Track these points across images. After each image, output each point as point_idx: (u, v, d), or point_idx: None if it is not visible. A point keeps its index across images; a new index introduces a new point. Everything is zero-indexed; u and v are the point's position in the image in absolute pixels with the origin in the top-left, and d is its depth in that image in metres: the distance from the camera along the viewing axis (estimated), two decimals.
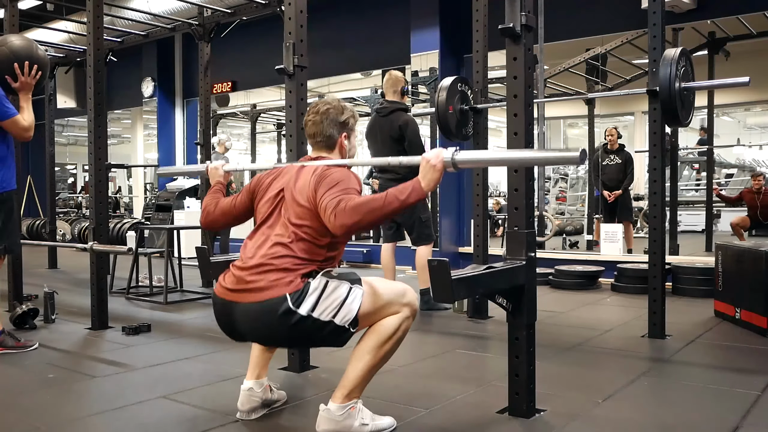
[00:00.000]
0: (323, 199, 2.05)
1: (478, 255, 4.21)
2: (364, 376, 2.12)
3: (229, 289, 2.12)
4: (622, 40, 7.81)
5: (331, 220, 1.99)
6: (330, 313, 2.05)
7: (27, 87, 3.24)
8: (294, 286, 2.03)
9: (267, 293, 2.03)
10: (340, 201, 1.99)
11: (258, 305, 2.04)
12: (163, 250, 5.47)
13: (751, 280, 3.82)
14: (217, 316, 2.19)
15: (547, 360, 3.06)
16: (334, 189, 2.05)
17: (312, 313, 2.03)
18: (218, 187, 2.58)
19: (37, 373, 3.07)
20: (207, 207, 2.49)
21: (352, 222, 1.96)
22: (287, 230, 2.12)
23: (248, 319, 2.07)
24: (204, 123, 6.22)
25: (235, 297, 2.09)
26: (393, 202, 1.94)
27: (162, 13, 7.14)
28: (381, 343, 2.11)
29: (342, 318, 2.06)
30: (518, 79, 2.36)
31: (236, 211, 2.41)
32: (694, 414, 2.46)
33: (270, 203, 2.23)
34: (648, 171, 3.76)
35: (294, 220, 2.12)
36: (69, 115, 12.57)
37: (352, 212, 1.95)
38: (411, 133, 4.51)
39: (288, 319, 2.01)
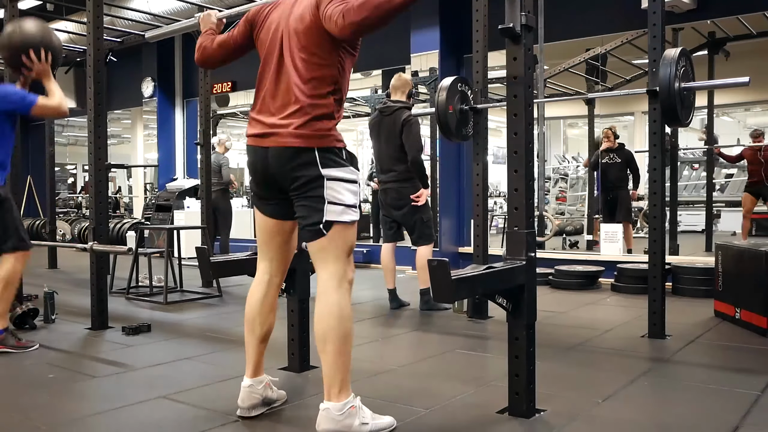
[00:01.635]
0: (327, 9, 2.05)
1: (478, 255, 4.21)
2: (338, 362, 2.10)
3: (261, 134, 2.19)
4: (622, 40, 7.81)
5: (338, 23, 2.00)
6: (332, 195, 2.12)
7: (44, 72, 3.31)
8: (325, 142, 2.13)
9: (298, 140, 2.11)
10: (345, 4, 2.00)
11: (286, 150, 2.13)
12: (163, 250, 5.47)
13: (751, 280, 3.82)
14: (251, 169, 2.27)
15: (547, 360, 3.06)
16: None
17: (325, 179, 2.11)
18: (211, 31, 2.55)
19: (37, 373, 3.07)
20: (203, 43, 2.45)
21: (359, 18, 1.96)
22: (299, 59, 2.14)
23: (278, 163, 2.15)
24: (204, 123, 6.21)
25: (267, 141, 2.17)
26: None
27: (162, 13, 7.15)
28: (333, 326, 2.10)
29: (330, 210, 2.12)
30: (518, 79, 2.36)
31: (235, 43, 2.40)
32: (694, 414, 2.46)
33: (270, 33, 2.24)
34: (648, 171, 3.76)
35: (301, 46, 2.14)
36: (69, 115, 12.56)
37: (359, 9, 1.96)
38: (411, 128, 4.49)
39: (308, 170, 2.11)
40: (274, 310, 2.39)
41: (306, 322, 2.94)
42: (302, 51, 2.15)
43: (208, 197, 6.16)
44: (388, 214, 4.75)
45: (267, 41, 2.26)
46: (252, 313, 2.36)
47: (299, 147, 2.12)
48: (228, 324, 4.25)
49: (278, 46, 2.22)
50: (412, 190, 4.56)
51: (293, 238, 2.41)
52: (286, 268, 2.44)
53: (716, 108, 9.36)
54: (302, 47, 2.15)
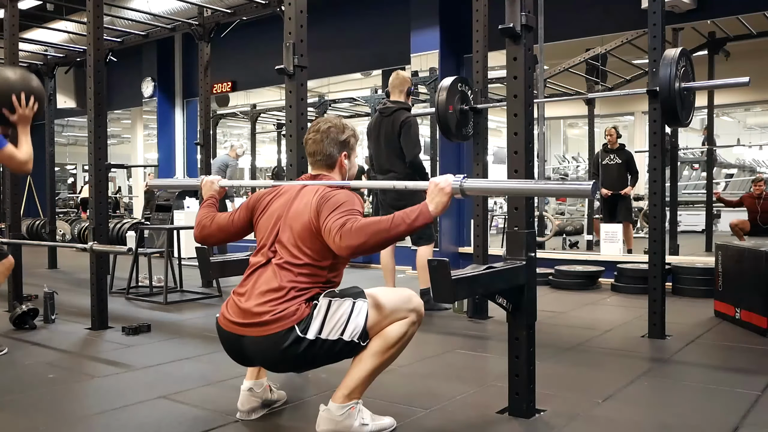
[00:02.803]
0: (327, 220, 2.04)
1: (478, 255, 4.21)
2: (366, 378, 2.12)
3: (234, 322, 2.10)
4: (622, 40, 7.82)
5: (336, 241, 1.99)
6: (338, 331, 2.05)
7: (25, 120, 3.07)
8: (299, 315, 2.03)
9: (274, 326, 2.03)
10: (345, 222, 1.99)
11: (266, 338, 2.04)
12: (163, 250, 5.47)
13: (751, 280, 3.82)
14: (225, 347, 2.18)
15: (547, 360, 3.06)
16: (338, 210, 2.05)
17: (320, 336, 2.03)
18: (211, 201, 2.54)
19: (37, 373, 3.07)
20: (202, 220, 2.43)
21: (357, 243, 1.95)
22: (289, 253, 2.12)
23: (258, 351, 2.08)
24: (204, 123, 6.22)
25: (242, 331, 2.08)
26: (400, 225, 1.95)
27: (162, 13, 7.14)
28: (386, 348, 2.10)
29: (350, 333, 2.06)
30: (518, 79, 2.36)
31: (234, 228, 2.38)
32: (694, 414, 2.46)
33: (270, 224, 2.22)
34: (648, 171, 3.76)
35: (295, 243, 2.12)
36: (69, 115, 12.56)
37: (357, 233, 1.95)
38: (410, 129, 4.49)
39: (298, 347, 2.02)
40: None
41: None
42: (295, 248, 2.12)
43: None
44: (387, 215, 4.74)
45: (266, 229, 2.23)
46: None
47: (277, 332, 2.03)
48: None
49: (274, 236, 2.18)
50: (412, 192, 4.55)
51: None
52: None
53: (716, 108, 9.37)
54: (295, 244, 2.12)
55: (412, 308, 2.16)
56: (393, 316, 2.13)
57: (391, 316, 2.12)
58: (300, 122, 3.07)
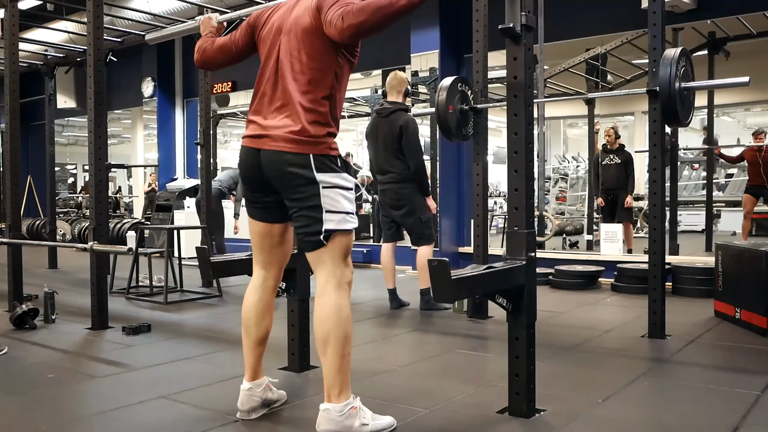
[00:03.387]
0: (328, 13, 2.05)
1: (478, 255, 4.21)
2: (338, 364, 2.10)
3: (256, 135, 2.19)
4: (622, 40, 7.81)
5: (337, 25, 2.00)
6: (330, 203, 2.12)
7: None
8: (319, 150, 2.11)
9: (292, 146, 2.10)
10: (345, 7, 2.00)
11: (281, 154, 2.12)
12: (163, 250, 5.47)
13: (751, 280, 3.82)
14: (242, 168, 2.26)
15: (547, 360, 3.06)
16: (338, 3, 2.05)
17: (320, 186, 2.10)
18: (210, 34, 2.52)
19: (37, 373, 3.07)
20: (202, 45, 2.43)
21: (359, 21, 1.96)
22: (297, 61, 2.14)
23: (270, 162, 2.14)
24: (204, 123, 6.21)
25: (260, 143, 2.16)
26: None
27: (162, 13, 7.14)
28: (333, 328, 2.10)
29: (329, 219, 2.12)
30: (518, 79, 2.36)
31: (236, 47, 2.38)
32: (694, 414, 2.46)
33: (271, 35, 2.24)
34: (648, 171, 3.76)
35: (300, 48, 2.14)
36: (69, 115, 12.56)
37: (359, 12, 1.96)
38: (410, 133, 4.51)
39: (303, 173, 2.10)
40: (269, 313, 2.38)
41: (306, 322, 2.93)
42: (300, 53, 2.14)
43: (209, 197, 6.16)
44: (387, 215, 4.75)
45: (267, 43, 2.26)
46: (247, 316, 2.36)
47: (293, 152, 2.11)
48: (228, 324, 4.25)
49: (277, 47, 2.21)
50: (410, 190, 4.56)
51: (287, 240, 2.39)
52: (280, 270, 2.43)
53: (716, 108, 9.36)
54: (300, 49, 2.14)
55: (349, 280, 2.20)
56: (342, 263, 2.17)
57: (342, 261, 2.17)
58: None
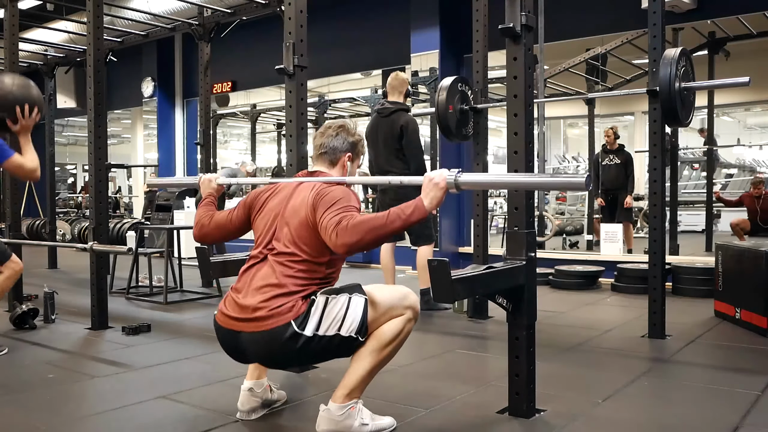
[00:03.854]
0: (323, 217, 2.04)
1: (478, 255, 4.21)
2: (365, 377, 2.12)
3: (231, 317, 2.11)
4: (622, 40, 7.81)
5: (332, 238, 1.99)
6: (335, 326, 2.05)
7: (26, 129, 3.14)
8: (296, 311, 2.04)
9: (271, 322, 2.03)
10: (341, 219, 1.98)
11: (263, 334, 2.04)
12: (163, 250, 5.47)
13: (751, 280, 3.82)
14: (221, 343, 2.19)
15: (547, 360, 3.05)
16: (334, 207, 2.05)
17: (317, 332, 2.04)
18: (210, 199, 2.55)
19: (37, 373, 3.07)
20: (201, 219, 2.44)
21: (353, 241, 1.95)
22: (286, 251, 2.12)
23: (255, 346, 2.08)
24: (204, 123, 6.22)
25: (239, 326, 2.08)
26: (395, 221, 1.94)
27: (162, 13, 7.14)
28: (383, 345, 2.11)
29: (348, 328, 2.06)
30: (518, 79, 2.36)
31: (232, 226, 2.38)
32: (694, 414, 2.46)
33: (267, 221, 2.22)
34: (648, 171, 3.76)
35: (292, 240, 2.12)
36: (69, 115, 12.56)
37: (353, 231, 1.95)
38: (411, 133, 4.51)
39: (295, 343, 2.02)
40: None
41: None
42: (292, 244, 2.12)
43: None
44: None
45: (262, 227, 2.23)
46: None
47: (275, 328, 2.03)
48: None
49: (272, 233, 2.19)
50: (410, 190, 4.55)
51: None
52: None
53: (716, 108, 9.35)
54: (292, 241, 2.12)
55: (408, 305, 2.17)
56: (390, 313, 2.13)
57: (387, 313, 2.13)
58: (300, 122, 3.07)
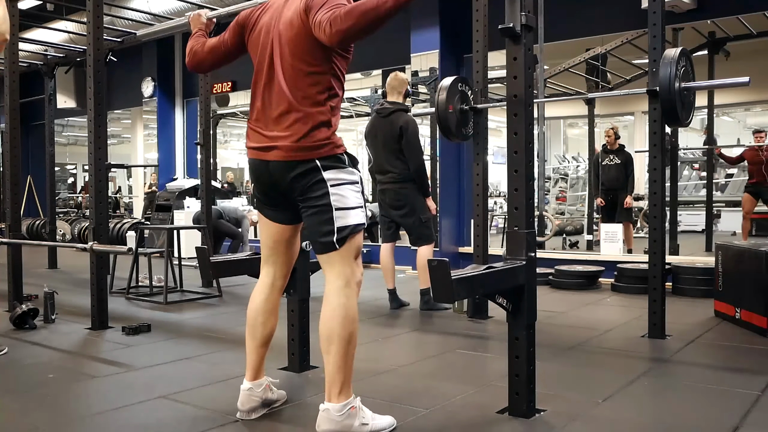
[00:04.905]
0: (316, 16, 2.03)
1: (478, 255, 4.21)
2: (340, 364, 2.10)
3: (260, 148, 2.20)
4: (622, 40, 7.82)
5: (326, 31, 1.98)
6: (339, 200, 2.12)
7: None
8: (325, 151, 2.12)
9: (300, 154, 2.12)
10: (333, 11, 1.98)
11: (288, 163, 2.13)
12: (163, 250, 5.47)
13: (751, 280, 3.82)
14: (253, 177, 2.29)
15: (547, 360, 3.05)
16: (326, 5, 2.04)
17: (329, 185, 2.12)
18: (200, 32, 2.52)
19: (37, 373, 3.07)
20: (193, 47, 2.43)
21: (347, 26, 1.94)
22: (289, 66, 2.13)
23: (280, 172, 2.16)
24: (204, 123, 6.21)
25: (267, 155, 2.17)
26: (387, 1, 1.91)
27: (162, 13, 7.15)
28: (338, 327, 2.10)
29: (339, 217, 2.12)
30: (518, 79, 2.36)
31: (226, 48, 2.38)
32: (694, 414, 2.46)
33: (262, 38, 2.23)
34: (648, 171, 3.76)
35: (293, 52, 2.13)
36: (69, 115, 12.57)
37: (346, 17, 1.94)
38: (410, 134, 4.51)
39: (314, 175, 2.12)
40: (275, 314, 2.39)
41: (306, 322, 2.93)
42: (293, 57, 2.13)
43: (209, 197, 6.16)
44: (386, 215, 4.75)
45: (258, 47, 2.24)
46: (253, 316, 2.35)
47: (301, 160, 2.12)
48: (228, 324, 4.25)
49: (269, 52, 2.20)
50: (410, 190, 4.56)
51: (296, 241, 2.40)
52: (289, 271, 2.43)
53: (716, 108, 9.36)
54: (293, 53, 2.13)
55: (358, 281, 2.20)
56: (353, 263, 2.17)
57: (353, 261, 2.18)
58: None
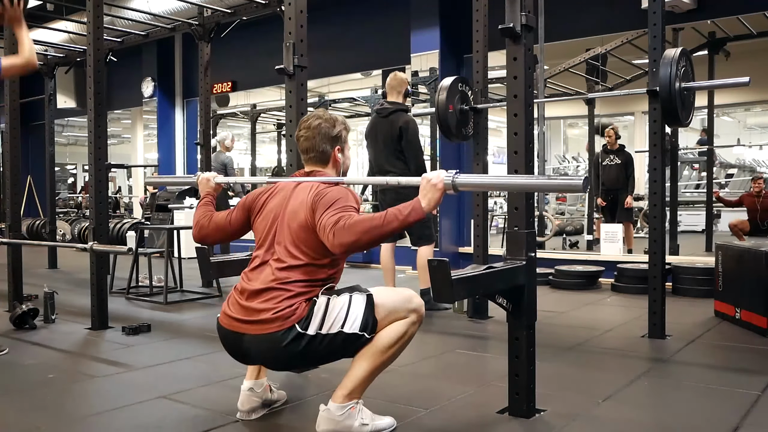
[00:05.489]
0: (322, 218, 2.04)
1: (478, 255, 4.21)
2: (366, 377, 2.12)
3: (235, 318, 2.11)
4: (622, 40, 7.81)
5: (329, 238, 1.99)
6: (338, 323, 2.06)
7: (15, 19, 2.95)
8: (299, 314, 2.04)
9: (275, 325, 2.03)
10: (339, 219, 1.99)
11: (266, 336, 2.04)
12: (163, 250, 5.47)
13: (751, 280, 3.82)
14: (224, 345, 2.19)
15: (547, 360, 3.05)
16: (333, 207, 2.05)
17: (320, 331, 2.04)
18: (208, 199, 2.54)
19: (37, 373, 3.07)
20: (200, 221, 2.43)
21: (350, 241, 1.96)
22: (287, 253, 2.12)
23: (258, 348, 2.08)
24: (204, 123, 6.22)
25: (243, 328, 2.09)
26: (392, 222, 1.94)
27: (162, 13, 7.14)
28: (386, 347, 2.11)
29: (351, 325, 2.06)
30: (518, 79, 2.36)
31: (231, 228, 2.38)
32: (694, 414, 2.46)
33: (267, 223, 2.22)
34: (648, 171, 3.76)
35: (293, 242, 2.12)
36: (69, 115, 12.56)
37: (350, 231, 1.95)
38: (411, 134, 4.51)
39: (299, 343, 2.03)
40: None
41: None
42: (293, 246, 2.12)
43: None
44: None
45: (263, 231, 2.23)
46: None
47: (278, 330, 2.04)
48: None
49: (272, 236, 2.19)
50: (410, 191, 4.55)
51: None
52: None
53: (716, 108, 9.36)
54: (293, 243, 2.12)
55: (413, 308, 2.16)
56: (393, 315, 2.13)
57: (391, 315, 2.13)
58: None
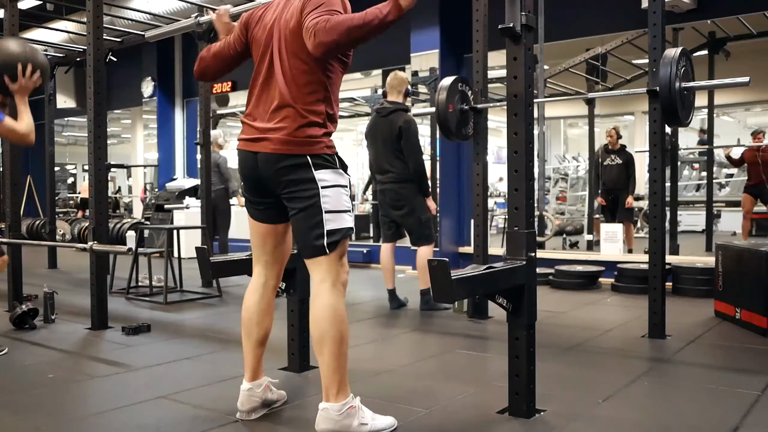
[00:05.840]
0: (306, 19, 2.03)
1: (478, 255, 4.21)
2: (334, 364, 2.10)
3: (250, 139, 2.19)
4: (622, 40, 7.81)
5: (310, 39, 1.98)
6: (329, 202, 2.11)
7: (24, 90, 3.01)
8: (317, 149, 2.11)
9: (288, 147, 2.10)
10: (320, 20, 1.97)
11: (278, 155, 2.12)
12: (163, 250, 5.47)
13: (751, 280, 3.82)
14: (242, 172, 2.26)
15: (547, 360, 3.05)
16: (318, 9, 2.03)
17: (320, 186, 2.11)
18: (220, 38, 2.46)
19: (37, 373, 3.07)
20: (200, 54, 2.41)
21: (329, 39, 1.94)
22: (287, 64, 2.13)
23: (268, 165, 2.14)
24: (204, 123, 6.21)
25: (256, 146, 2.16)
26: (372, 20, 1.92)
27: (162, 13, 7.14)
28: (328, 328, 2.10)
29: (329, 219, 2.11)
30: (518, 79, 2.36)
31: (232, 50, 2.34)
32: (694, 414, 2.46)
33: (264, 35, 2.22)
34: (648, 171, 3.76)
35: (291, 50, 2.13)
36: (69, 115, 12.56)
37: (330, 31, 1.94)
38: (410, 134, 4.51)
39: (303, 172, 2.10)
40: (270, 313, 2.39)
41: (306, 322, 2.91)
42: (291, 55, 2.13)
43: (208, 197, 6.16)
44: (386, 215, 4.75)
45: (261, 43, 2.24)
46: (248, 317, 2.36)
47: (290, 154, 2.11)
48: (228, 324, 4.25)
49: (269, 48, 2.20)
50: (410, 190, 4.56)
51: (287, 240, 2.39)
52: (281, 270, 2.43)
53: (716, 108, 9.35)
54: (290, 51, 2.13)
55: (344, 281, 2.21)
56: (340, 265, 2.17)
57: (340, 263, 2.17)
58: None
